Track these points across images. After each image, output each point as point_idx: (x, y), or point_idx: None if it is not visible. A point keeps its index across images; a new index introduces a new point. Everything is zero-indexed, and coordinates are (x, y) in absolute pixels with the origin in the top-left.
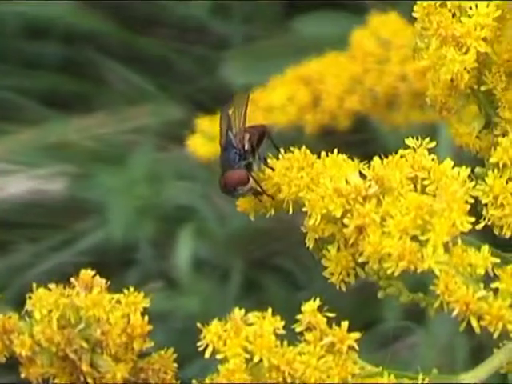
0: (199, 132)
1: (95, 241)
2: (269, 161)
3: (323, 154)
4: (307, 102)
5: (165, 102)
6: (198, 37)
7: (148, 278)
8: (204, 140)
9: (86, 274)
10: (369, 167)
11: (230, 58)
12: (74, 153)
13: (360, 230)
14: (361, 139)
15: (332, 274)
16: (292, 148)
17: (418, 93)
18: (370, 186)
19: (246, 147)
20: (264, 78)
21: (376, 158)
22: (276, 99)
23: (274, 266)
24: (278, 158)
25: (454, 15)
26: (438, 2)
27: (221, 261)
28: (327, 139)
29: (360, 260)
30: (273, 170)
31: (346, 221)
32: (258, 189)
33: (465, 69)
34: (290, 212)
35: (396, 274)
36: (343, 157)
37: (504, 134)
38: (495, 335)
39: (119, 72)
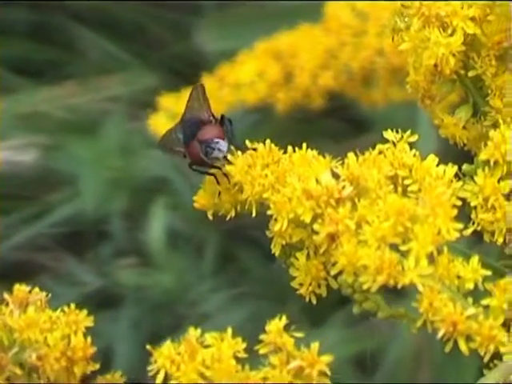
0: (162, 110)
1: (68, 212)
2: (229, 156)
3: (290, 149)
4: (278, 78)
5: (138, 70)
6: (171, 2)
7: (122, 250)
8: (167, 119)
9: (21, 290)
10: (342, 165)
11: (204, 24)
12: (45, 123)
13: (332, 237)
14: (338, 106)
15: (301, 284)
16: (254, 143)
17: (397, 68)
18: (343, 187)
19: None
20: (238, 45)
21: (351, 155)
22: (245, 75)
23: (250, 237)
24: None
25: None
26: None
27: (195, 233)
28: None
29: (332, 272)
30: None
31: (316, 227)
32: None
33: (450, 52)
34: (254, 215)
35: (373, 289)
36: (313, 153)
37: (494, 125)
38: (486, 358)
39: (91, 39)
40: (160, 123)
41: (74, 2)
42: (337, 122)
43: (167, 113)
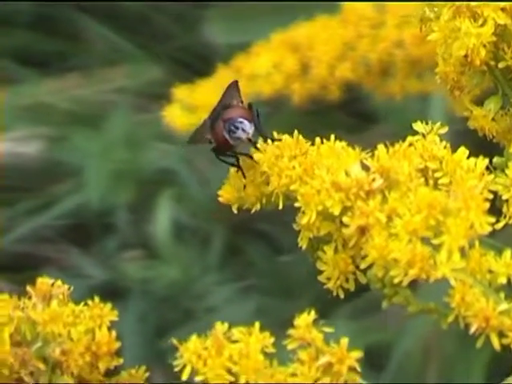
0: (176, 102)
1: (72, 205)
2: (258, 144)
3: (318, 140)
4: (295, 69)
5: (144, 62)
6: None
7: (127, 243)
8: (181, 111)
9: (44, 282)
10: (372, 157)
11: (213, 16)
12: (49, 114)
13: (363, 230)
14: (349, 100)
15: (329, 278)
16: (281, 133)
17: (416, 60)
18: (374, 179)
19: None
20: (248, 38)
21: (381, 147)
22: (261, 66)
23: (257, 230)
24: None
25: None
26: None
27: (202, 226)
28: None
29: (362, 266)
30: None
31: (345, 220)
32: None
33: (481, 43)
34: (280, 207)
35: (404, 283)
36: (342, 144)
37: None
38: None
39: (96, 30)
40: (174, 115)
41: None
42: (348, 115)
43: (181, 104)
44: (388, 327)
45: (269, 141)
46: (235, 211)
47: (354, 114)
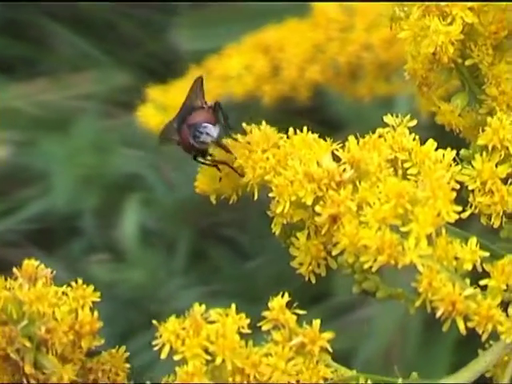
0: (150, 101)
1: (39, 209)
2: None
3: (291, 131)
4: (266, 71)
5: (111, 68)
6: (144, 0)
7: (94, 248)
8: (155, 110)
9: (30, 264)
10: (343, 148)
11: (180, 23)
12: (16, 119)
13: (334, 219)
14: (313, 107)
15: (301, 264)
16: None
17: (384, 63)
18: (344, 170)
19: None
20: (215, 45)
21: (351, 138)
22: (232, 68)
23: (223, 235)
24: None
25: None
26: None
27: (168, 231)
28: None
29: (334, 252)
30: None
31: (318, 209)
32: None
33: (449, 41)
34: (256, 198)
35: (374, 269)
36: (313, 136)
37: (490, 113)
38: (484, 337)
39: (64, 36)
40: (148, 114)
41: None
42: (314, 122)
43: (155, 104)
44: (351, 333)
45: (239, 136)
46: (213, 201)
47: (319, 121)
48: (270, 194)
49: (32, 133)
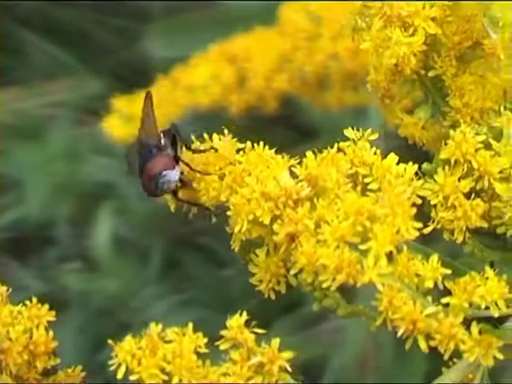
0: (115, 112)
1: (12, 217)
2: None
3: (248, 145)
4: (232, 81)
5: (84, 76)
6: (117, 7)
7: (67, 256)
8: (120, 121)
9: None
10: (300, 164)
11: (152, 30)
12: None
13: (292, 237)
14: (286, 115)
15: (260, 281)
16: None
17: (351, 72)
18: (302, 187)
19: (163, 142)
20: (187, 52)
21: (309, 154)
22: (199, 78)
23: (197, 244)
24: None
25: None
26: None
27: (141, 239)
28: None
29: (292, 272)
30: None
31: (275, 227)
32: (186, 179)
33: (412, 52)
34: (214, 220)
35: (333, 288)
36: (270, 152)
37: (453, 126)
38: (446, 356)
39: (37, 44)
40: (114, 125)
41: (20, 7)
42: (285, 130)
43: (121, 115)
44: (325, 341)
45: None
46: (172, 210)
47: (291, 128)
48: (228, 213)
49: (5, 141)
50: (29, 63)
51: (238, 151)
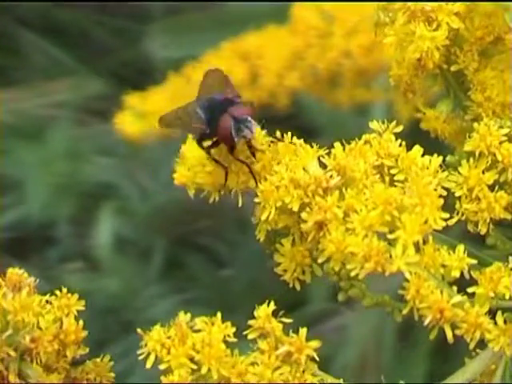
0: (128, 109)
1: (13, 217)
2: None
3: (278, 135)
4: (244, 78)
5: (85, 76)
6: (118, 8)
7: (68, 256)
8: (133, 118)
9: (15, 273)
10: (329, 155)
11: (154, 31)
12: None
13: (320, 225)
14: (290, 114)
15: (285, 270)
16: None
17: (363, 70)
18: (331, 176)
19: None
20: (189, 52)
21: (337, 145)
22: None
23: (198, 243)
24: None
25: None
26: None
27: (143, 239)
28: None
29: (320, 259)
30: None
31: (304, 215)
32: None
33: (435, 46)
34: (240, 204)
35: (361, 276)
36: (300, 142)
37: (475, 119)
38: (472, 345)
39: (38, 44)
40: (126, 122)
41: (20, 8)
42: (289, 129)
43: (133, 111)
44: (326, 341)
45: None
46: (191, 195)
47: (297, 127)
48: (255, 200)
49: (6, 141)
50: (29, 63)
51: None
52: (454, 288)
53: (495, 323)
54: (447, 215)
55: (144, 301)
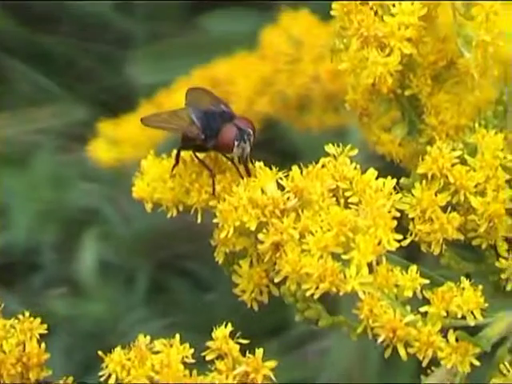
0: (101, 136)
1: None
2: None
3: (236, 159)
4: None
5: (68, 102)
6: (100, 34)
7: (53, 282)
8: (107, 145)
9: None
10: (287, 177)
11: (136, 57)
12: None
13: (277, 246)
14: (268, 138)
15: (243, 291)
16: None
17: (332, 94)
18: (288, 198)
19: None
20: (170, 78)
21: (295, 168)
22: (181, 102)
23: (181, 267)
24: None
25: (376, 14)
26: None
27: (126, 264)
28: None
29: (276, 279)
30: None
31: (261, 236)
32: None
33: (388, 71)
34: (199, 221)
35: (316, 296)
36: (259, 164)
37: (429, 142)
38: (424, 363)
39: (21, 71)
40: (100, 149)
41: (4, 34)
42: (266, 154)
43: (106, 139)
44: (310, 363)
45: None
46: (149, 210)
47: (273, 152)
48: (214, 220)
49: None
50: (13, 90)
51: None
52: (408, 308)
53: (447, 341)
54: (400, 236)
55: (128, 325)
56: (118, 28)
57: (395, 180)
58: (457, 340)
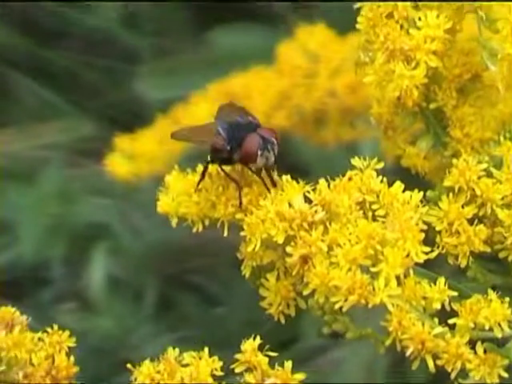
0: (118, 151)
1: (6, 259)
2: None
3: (263, 173)
4: None
5: (75, 118)
6: (106, 49)
7: (61, 297)
8: (123, 159)
9: (7, 311)
10: (314, 191)
11: (143, 72)
12: None
13: (305, 259)
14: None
15: (270, 304)
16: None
17: (348, 108)
18: (316, 211)
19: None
20: (179, 93)
21: (322, 181)
22: (199, 115)
23: (191, 282)
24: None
25: (401, 27)
26: (385, 13)
27: (136, 278)
28: None
29: (304, 292)
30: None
31: (289, 249)
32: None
33: (414, 85)
34: (225, 234)
35: (344, 309)
36: (286, 177)
37: (454, 155)
38: (453, 375)
39: (28, 86)
40: (116, 163)
41: (10, 49)
42: (280, 169)
43: (123, 153)
44: (321, 376)
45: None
46: (174, 225)
47: (286, 167)
48: (242, 233)
49: None
50: (20, 106)
51: None
52: (436, 320)
53: (475, 353)
54: (428, 249)
55: (137, 340)
56: (125, 43)
57: (422, 193)
58: (485, 352)
